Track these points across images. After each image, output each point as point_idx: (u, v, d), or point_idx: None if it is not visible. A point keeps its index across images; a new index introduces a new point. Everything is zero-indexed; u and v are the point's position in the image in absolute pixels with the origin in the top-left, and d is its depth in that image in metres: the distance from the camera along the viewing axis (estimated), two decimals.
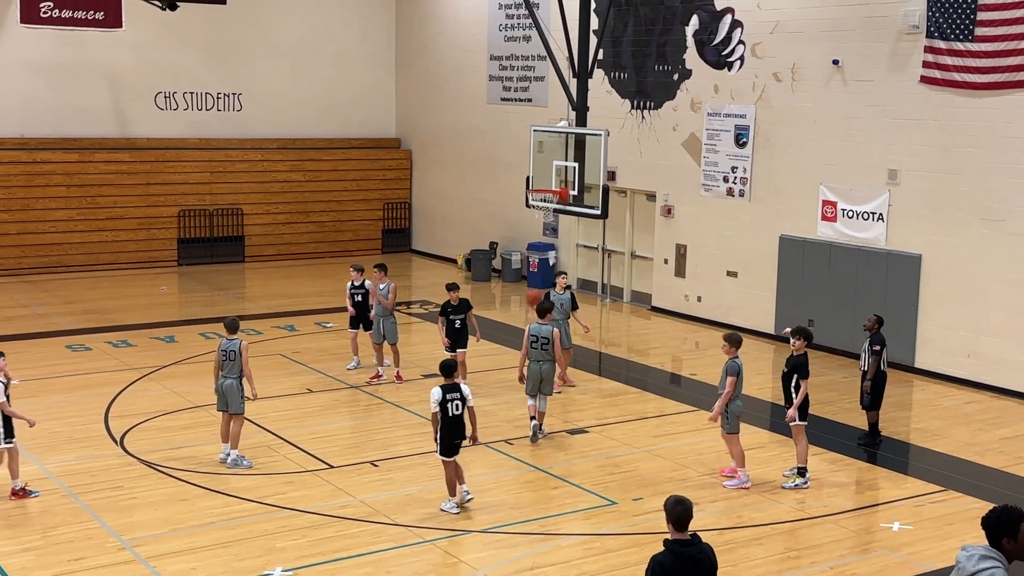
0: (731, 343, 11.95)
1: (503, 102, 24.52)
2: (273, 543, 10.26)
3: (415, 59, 27.23)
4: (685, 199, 20.62)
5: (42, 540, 10.29)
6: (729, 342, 11.97)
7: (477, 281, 24.33)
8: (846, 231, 17.85)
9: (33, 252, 23.61)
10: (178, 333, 18.60)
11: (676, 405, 15.28)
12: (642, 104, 21.28)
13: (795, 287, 18.65)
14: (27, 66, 23.63)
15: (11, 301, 20.99)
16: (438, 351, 18.10)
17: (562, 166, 16.03)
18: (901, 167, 17.01)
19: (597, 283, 22.97)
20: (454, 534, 10.57)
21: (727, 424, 11.96)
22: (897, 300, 17.10)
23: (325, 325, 19.41)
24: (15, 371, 15.93)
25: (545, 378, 13.28)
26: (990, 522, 5.65)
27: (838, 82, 17.80)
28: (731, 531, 10.79)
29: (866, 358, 13.33)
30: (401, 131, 28.13)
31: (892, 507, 11.61)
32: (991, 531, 5.64)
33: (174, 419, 13.97)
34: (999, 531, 5.62)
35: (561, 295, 15.50)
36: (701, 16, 19.93)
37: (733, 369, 11.80)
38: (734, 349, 11.90)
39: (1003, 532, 5.60)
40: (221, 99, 25.83)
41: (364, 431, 13.66)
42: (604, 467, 12.57)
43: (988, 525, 5.66)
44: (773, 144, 18.93)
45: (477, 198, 25.63)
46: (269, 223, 26.17)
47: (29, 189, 23.42)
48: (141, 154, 24.68)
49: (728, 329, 19.39)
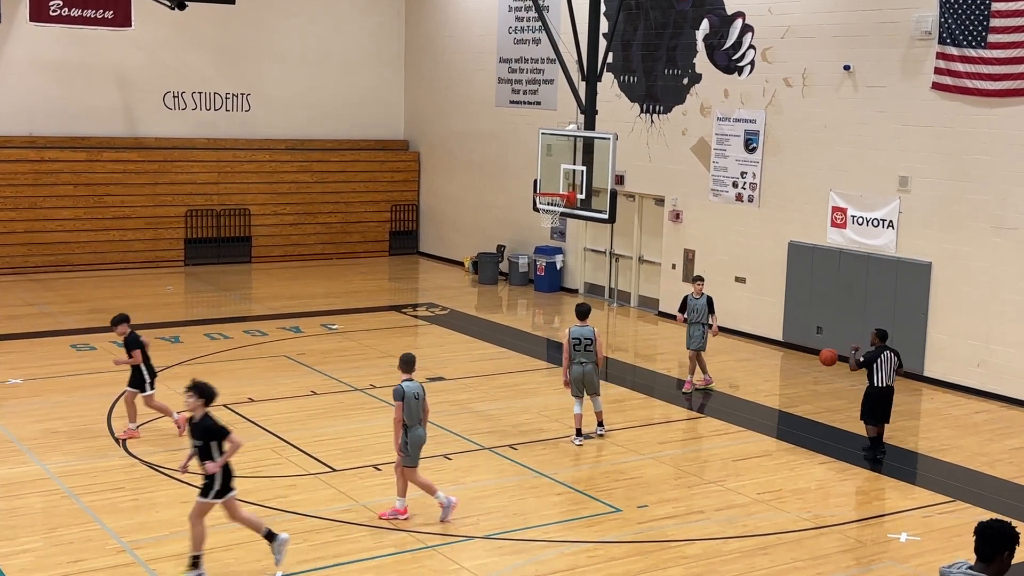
0: (402, 366, 10.86)
1: (512, 105, 24.45)
2: None
3: (424, 61, 27.17)
4: (694, 204, 20.51)
5: (42, 541, 10.22)
6: (402, 364, 10.88)
7: (484, 284, 24.26)
8: (856, 238, 17.74)
9: (40, 251, 23.59)
10: (183, 333, 18.55)
11: (682, 411, 15.17)
12: (651, 108, 21.18)
13: (804, 294, 18.53)
14: (36, 64, 23.62)
15: (17, 300, 20.97)
16: (444, 355, 18.10)
17: (570, 170, 15.94)
18: (912, 174, 16.89)
19: (604, 288, 22.88)
20: (457, 540, 10.48)
21: (406, 457, 10.69)
22: (907, 308, 16.97)
23: (331, 327, 19.34)
24: (19, 370, 15.96)
25: (588, 380, 13.30)
26: (998, 534, 5.50)
27: (849, 88, 17.68)
28: (736, 540, 10.68)
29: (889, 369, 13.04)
30: (409, 133, 28.07)
31: (900, 517, 11.48)
32: (993, 543, 5.50)
33: None
34: (1000, 546, 5.49)
35: (698, 299, 15.67)
36: (712, 20, 19.83)
37: (398, 393, 10.64)
38: (404, 371, 10.82)
39: (1003, 547, 5.48)
40: (229, 99, 25.80)
41: (367, 434, 13.56)
42: (609, 473, 12.47)
43: (992, 536, 5.50)
44: (783, 149, 18.81)
45: (485, 201, 25.55)
46: (276, 224, 26.13)
47: (37, 188, 23.40)
48: (149, 153, 24.65)
49: (738, 336, 19.35)
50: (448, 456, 12.80)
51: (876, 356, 13.02)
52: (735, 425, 14.47)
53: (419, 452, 10.77)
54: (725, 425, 14.51)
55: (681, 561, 10.15)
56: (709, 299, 15.73)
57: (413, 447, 10.69)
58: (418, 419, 10.70)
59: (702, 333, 15.68)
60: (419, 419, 10.70)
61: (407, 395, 10.62)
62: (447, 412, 14.53)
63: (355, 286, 23.67)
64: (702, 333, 15.68)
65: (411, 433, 10.67)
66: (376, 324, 19.90)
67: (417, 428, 10.69)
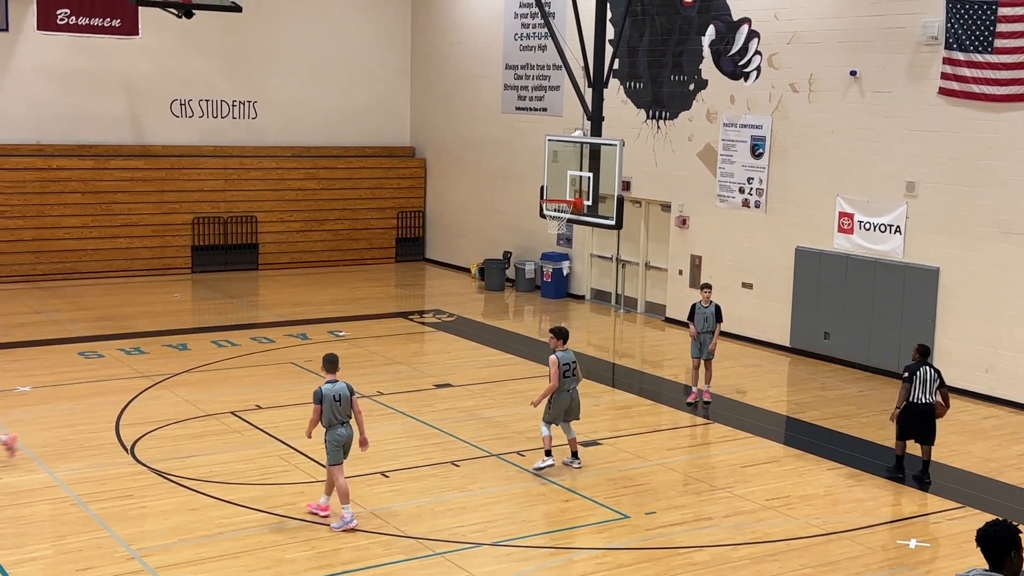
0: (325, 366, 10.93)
1: (518, 111, 24.47)
2: (282, 554, 10.18)
3: (430, 68, 27.22)
4: (700, 210, 20.51)
5: (51, 549, 10.23)
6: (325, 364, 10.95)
7: (491, 291, 24.26)
8: (863, 243, 17.71)
9: (47, 258, 23.64)
10: (191, 341, 18.57)
11: (690, 417, 15.15)
12: (658, 114, 21.19)
13: (811, 299, 18.50)
14: (43, 73, 23.69)
15: (25, 307, 21.02)
16: (451, 361, 18.10)
17: (577, 176, 15.95)
18: (919, 179, 16.87)
19: (611, 294, 22.87)
20: (465, 547, 10.47)
21: (328, 455, 10.83)
22: (914, 313, 16.94)
23: (338, 334, 19.36)
24: (27, 378, 15.99)
25: (576, 406, 12.80)
26: (998, 538, 5.46)
27: (855, 93, 17.68)
28: (746, 547, 10.66)
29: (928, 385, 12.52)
30: (416, 140, 28.11)
31: (909, 524, 11.46)
32: (996, 547, 5.47)
33: (185, 427, 13.92)
34: (1005, 547, 5.45)
35: (706, 308, 15.46)
36: (718, 26, 19.84)
37: (316, 396, 10.73)
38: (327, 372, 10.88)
39: (1008, 548, 5.45)
40: (236, 107, 25.85)
41: (375, 441, 13.53)
42: (617, 480, 12.45)
43: (993, 541, 5.47)
44: (790, 155, 18.81)
45: (491, 207, 25.57)
46: (283, 231, 26.16)
47: (44, 195, 23.46)
48: (156, 161, 24.71)
49: (745, 342, 19.33)
50: (455, 463, 12.80)
51: (914, 371, 12.52)
52: (743, 431, 14.45)
53: (339, 451, 10.80)
54: (733, 431, 14.49)
55: (690, 568, 10.13)
56: (717, 307, 15.57)
57: (331, 446, 10.78)
58: (340, 420, 10.77)
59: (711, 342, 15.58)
60: (341, 420, 10.77)
61: (325, 398, 10.72)
62: (454, 419, 14.53)
63: (362, 293, 23.69)
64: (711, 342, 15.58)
65: (330, 432, 10.77)
66: (383, 331, 19.91)
67: (338, 428, 10.77)
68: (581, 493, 11.97)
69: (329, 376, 10.86)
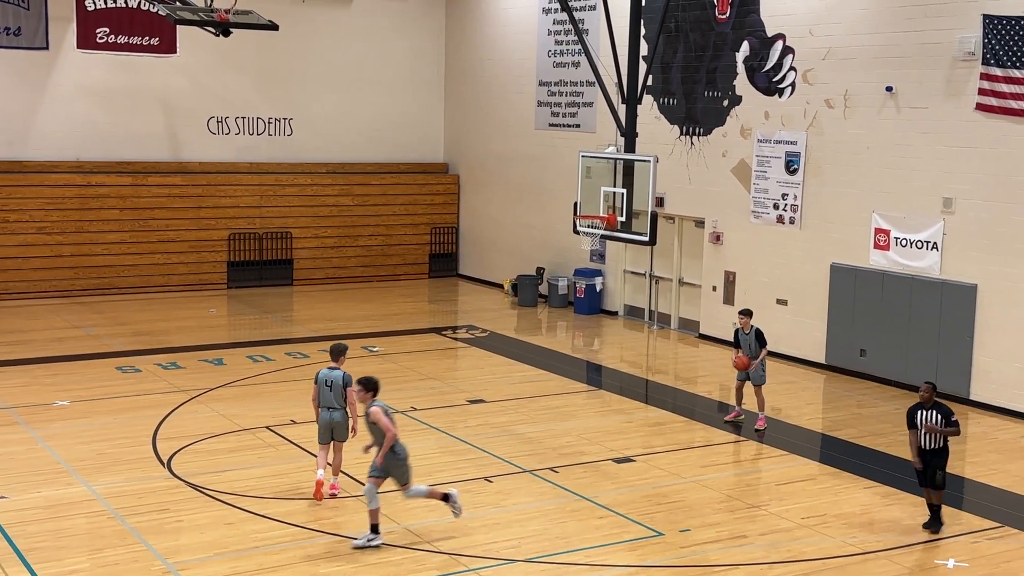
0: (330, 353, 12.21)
1: (551, 127, 24.52)
2: (316, 569, 10.22)
3: (464, 84, 27.35)
4: (734, 226, 20.44)
5: (88, 562, 10.33)
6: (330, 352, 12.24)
7: (524, 307, 24.28)
8: (899, 260, 17.58)
9: (86, 274, 23.92)
10: (227, 356, 18.72)
11: (724, 435, 15.07)
12: (691, 130, 21.16)
13: (846, 316, 18.37)
14: (83, 91, 24.03)
15: (63, 322, 21.27)
16: (484, 377, 18.11)
17: (610, 192, 15.94)
18: (956, 195, 16.74)
19: (644, 310, 22.82)
20: (499, 563, 10.47)
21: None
22: (952, 331, 16.78)
23: (371, 349, 19.43)
24: (66, 392, 16.18)
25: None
26: None
27: (891, 109, 17.58)
28: (781, 565, 10.58)
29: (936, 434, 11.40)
30: (449, 156, 28.23)
31: (947, 543, 11.33)
32: None
33: (221, 442, 14.02)
34: None
35: (747, 334, 15.08)
36: (752, 42, 19.82)
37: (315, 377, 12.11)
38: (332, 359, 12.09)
39: None
40: (272, 124, 26.09)
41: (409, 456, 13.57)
42: (651, 497, 12.41)
43: None
44: (824, 171, 18.72)
45: (524, 223, 25.62)
46: (317, 247, 26.33)
47: (83, 212, 23.76)
48: (193, 178, 24.97)
49: (779, 359, 19.21)
50: (489, 479, 12.81)
51: (912, 414, 11.52)
52: (778, 449, 14.36)
53: (321, 432, 11.96)
54: (768, 449, 14.40)
55: None
56: (758, 332, 15.17)
57: (320, 426, 11.98)
58: (327, 404, 11.88)
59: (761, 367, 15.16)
60: (328, 405, 11.88)
61: (319, 380, 11.95)
62: (487, 434, 14.54)
63: (395, 308, 23.78)
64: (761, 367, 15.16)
65: (320, 414, 11.96)
66: (416, 346, 19.97)
67: (324, 411, 11.92)
68: (615, 510, 11.93)
69: (332, 364, 12.00)
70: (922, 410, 11.45)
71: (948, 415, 11.38)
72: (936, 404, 11.46)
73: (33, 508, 11.58)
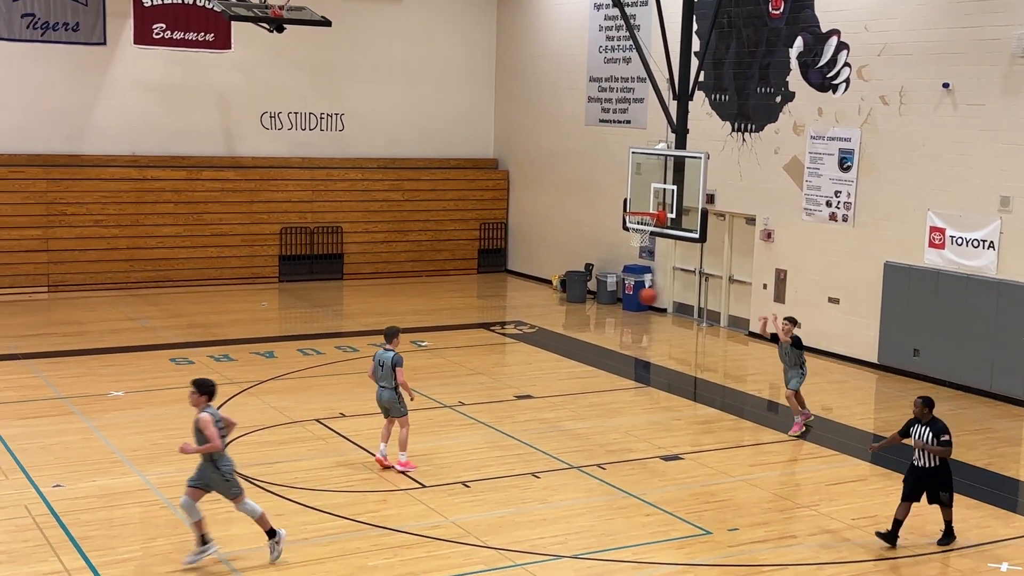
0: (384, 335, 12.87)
1: (601, 123, 24.46)
2: (365, 561, 10.30)
3: (514, 80, 27.36)
4: (786, 223, 20.26)
5: (141, 551, 10.50)
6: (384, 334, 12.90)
7: (572, 303, 24.25)
8: (955, 259, 17.32)
9: (141, 267, 24.27)
10: (277, 349, 18.90)
11: (774, 434, 14.95)
12: (743, 127, 21.00)
13: (900, 315, 18.14)
14: (140, 86, 24.37)
15: (119, 314, 21.60)
16: (532, 373, 18.11)
17: (660, 188, 15.88)
18: (1014, 194, 16.45)
19: (694, 307, 22.70)
20: (546, 559, 10.48)
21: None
22: (1008, 331, 16.50)
23: (420, 344, 19.53)
24: (120, 382, 16.43)
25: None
26: None
27: (948, 106, 17.32)
28: (831, 566, 10.48)
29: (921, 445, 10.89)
30: (499, 152, 28.26)
31: (1001, 546, 11.15)
32: None
33: (272, 434, 14.16)
34: None
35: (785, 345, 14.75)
36: (806, 38, 19.61)
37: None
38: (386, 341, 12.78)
39: None
40: (324, 119, 26.28)
41: (457, 451, 13.65)
42: (699, 495, 12.35)
43: None
44: (879, 168, 18.49)
45: (573, 219, 25.58)
46: (367, 241, 26.49)
47: (139, 205, 24.10)
48: (246, 172, 25.23)
49: (831, 358, 19.02)
50: (536, 475, 12.82)
51: (906, 429, 11.11)
52: (828, 448, 14.22)
53: (381, 408, 12.80)
54: (818, 448, 14.27)
55: None
56: (795, 339, 14.73)
57: (377, 402, 12.83)
58: (379, 383, 12.69)
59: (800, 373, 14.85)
60: (379, 383, 12.69)
61: (375, 360, 12.81)
62: (535, 430, 14.55)
63: (444, 303, 23.87)
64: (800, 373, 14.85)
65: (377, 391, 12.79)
66: (465, 341, 20.03)
67: (379, 388, 12.73)
68: (663, 508, 11.89)
69: (386, 345, 12.73)
70: (917, 425, 10.95)
71: (940, 433, 10.77)
72: (931, 421, 10.86)
73: (87, 497, 11.78)
